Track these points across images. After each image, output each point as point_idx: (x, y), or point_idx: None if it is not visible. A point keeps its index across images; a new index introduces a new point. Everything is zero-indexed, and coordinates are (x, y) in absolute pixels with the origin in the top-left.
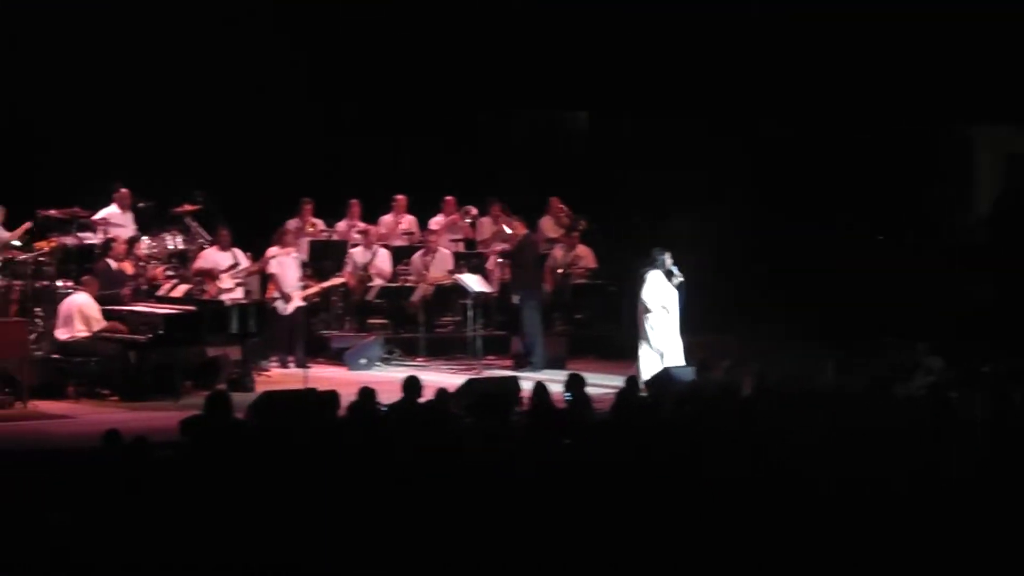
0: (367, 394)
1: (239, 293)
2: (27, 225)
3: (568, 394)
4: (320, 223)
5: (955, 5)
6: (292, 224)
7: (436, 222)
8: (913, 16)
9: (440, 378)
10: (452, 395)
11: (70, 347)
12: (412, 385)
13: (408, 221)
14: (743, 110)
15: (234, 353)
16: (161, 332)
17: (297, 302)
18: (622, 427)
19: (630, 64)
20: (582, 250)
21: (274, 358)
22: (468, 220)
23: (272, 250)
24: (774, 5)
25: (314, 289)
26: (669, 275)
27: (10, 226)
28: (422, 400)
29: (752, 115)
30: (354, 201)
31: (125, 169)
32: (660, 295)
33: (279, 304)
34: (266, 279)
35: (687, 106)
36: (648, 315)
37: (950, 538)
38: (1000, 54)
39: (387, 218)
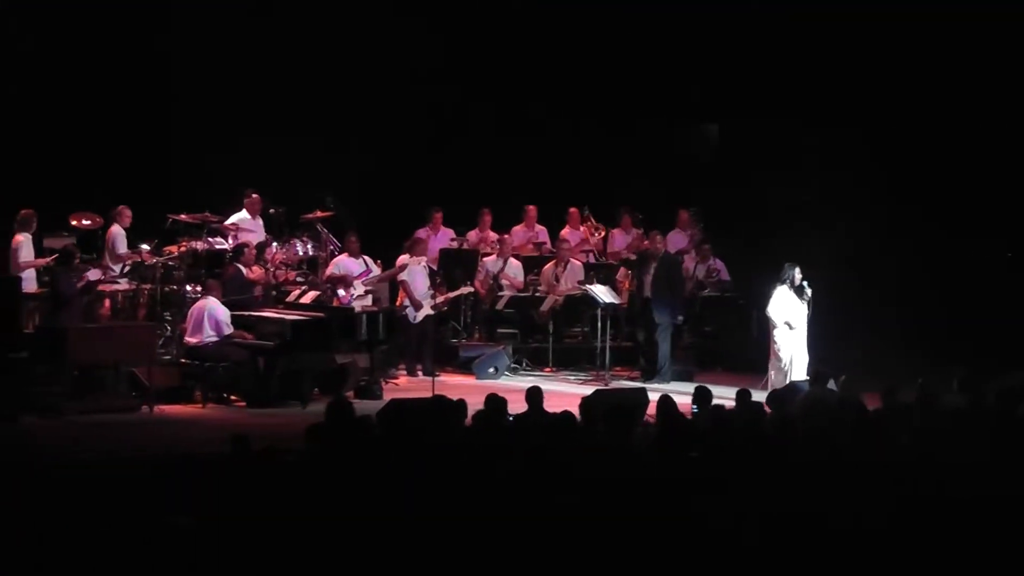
0: (494, 403)
1: (368, 300)
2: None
3: (695, 406)
4: (451, 232)
5: None
6: (422, 233)
7: (567, 234)
8: None
9: (567, 388)
10: (579, 406)
11: (198, 352)
12: (534, 395)
13: (540, 232)
14: (878, 121)
15: (362, 360)
16: (290, 338)
17: (427, 310)
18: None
19: (762, 71)
20: (716, 263)
21: (402, 366)
22: (601, 235)
23: (403, 258)
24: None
25: (444, 298)
26: (800, 290)
27: (136, 230)
28: (550, 410)
29: (888, 125)
30: (485, 210)
31: (256, 174)
32: (786, 311)
33: (409, 312)
34: (396, 287)
35: (822, 116)
36: (774, 330)
37: None
38: None
39: (519, 228)
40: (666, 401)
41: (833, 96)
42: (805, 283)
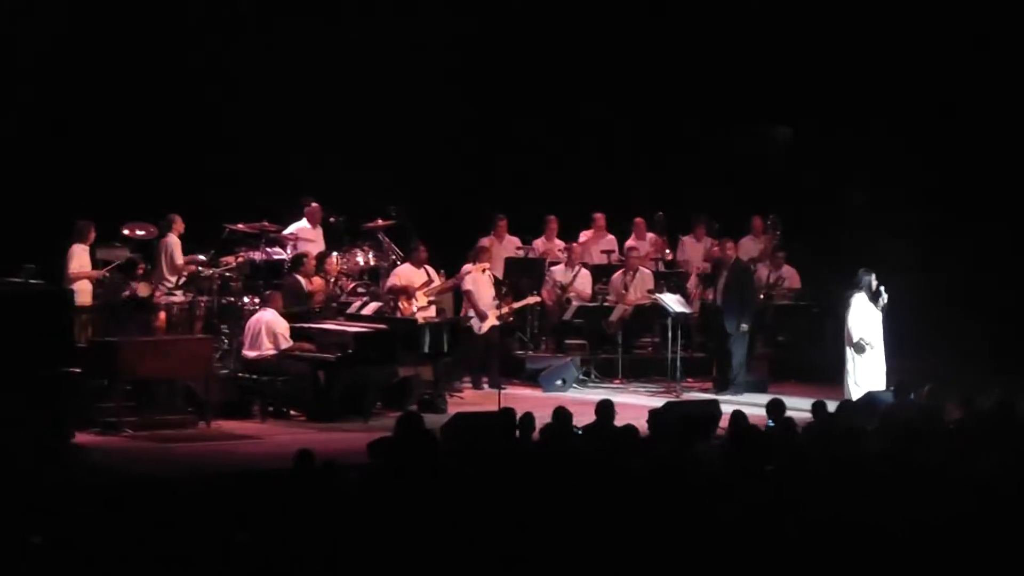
0: (562, 416)
1: (432, 311)
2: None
3: (771, 420)
4: (516, 240)
5: None
6: (486, 241)
7: (633, 244)
8: None
9: (638, 400)
10: (648, 418)
11: (257, 365)
12: (606, 408)
13: (608, 240)
14: (959, 122)
15: (426, 373)
16: (351, 351)
17: (492, 321)
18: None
19: (837, 75)
20: (786, 270)
21: (467, 378)
22: (667, 253)
23: (467, 267)
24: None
25: (510, 308)
26: (875, 296)
27: (192, 239)
28: (619, 423)
29: (969, 127)
30: (552, 218)
31: (316, 183)
32: (865, 321)
33: (474, 323)
34: (460, 297)
35: (894, 120)
36: (852, 339)
37: None
38: None
39: (587, 235)
40: (737, 416)
41: (909, 96)
42: (882, 288)
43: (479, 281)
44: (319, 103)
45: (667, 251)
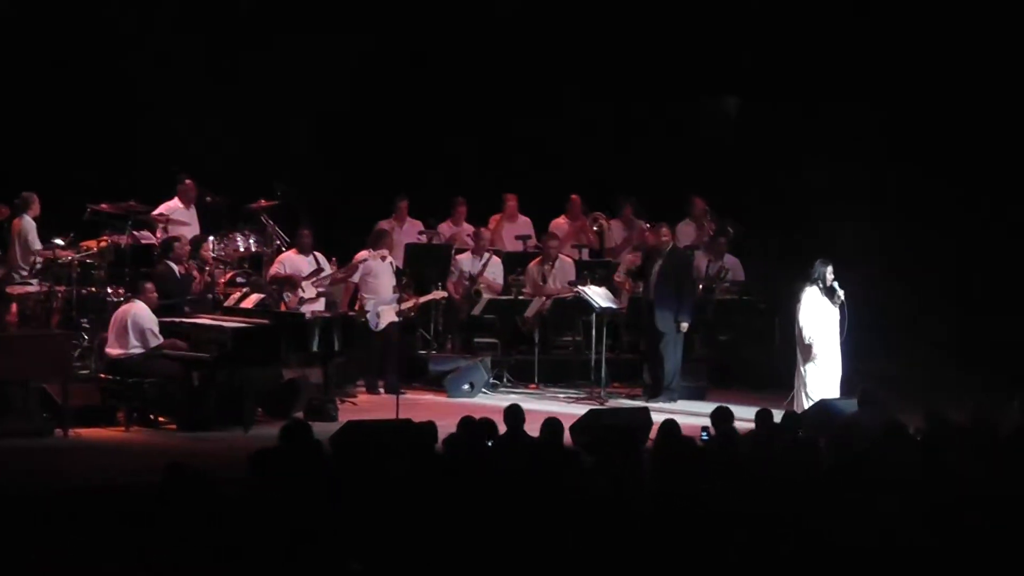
0: (469, 426)
1: (321, 305)
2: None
3: (704, 434)
4: (419, 224)
5: None
6: (386, 225)
7: (558, 224)
8: None
9: (557, 408)
10: (571, 429)
11: (122, 366)
12: (514, 415)
13: (522, 223)
14: (926, 96)
15: (315, 375)
16: (229, 349)
17: (392, 317)
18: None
19: (788, 42)
20: (729, 260)
21: (361, 382)
22: (595, 228)
23: (363, 254)
24: None
25: (414, 302)
26: (831, 292)
27: (50, 222)
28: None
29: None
30: (460, 199)
31: (191, 158)
32: (817, 317)
33: (370, 318)
34: (356, 290)
35: (854, 89)
36: (803, 340)
37: None
38: None
39: (498, 219)
40: (668, 427)
41: (867, 68)
42: (836, 284)
43: (378, 270)
44: (195, 65)
45: (592, 233)
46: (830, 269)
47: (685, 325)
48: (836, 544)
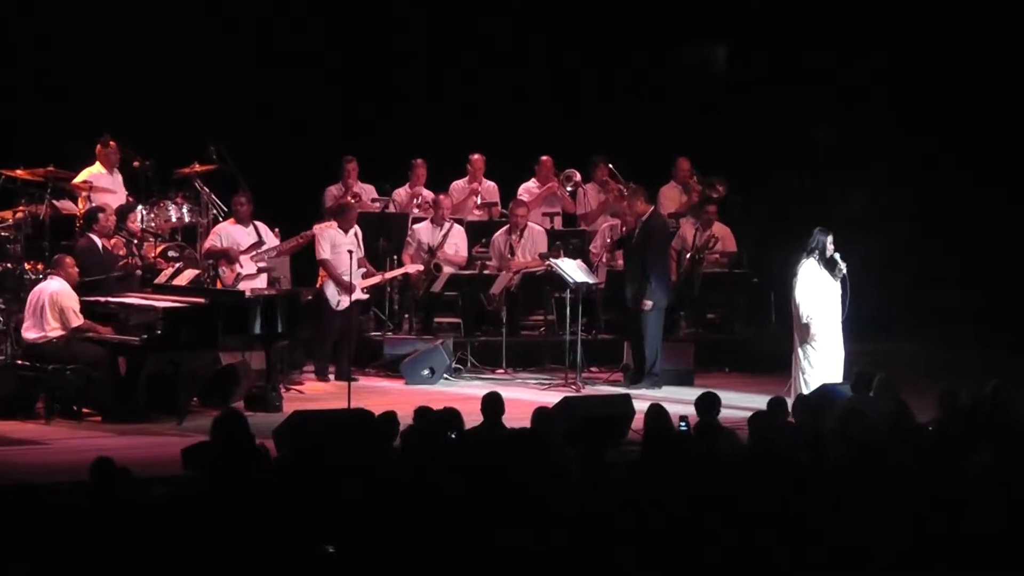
0: (427, 417)
1: (263, 282)
2: None
3: (683, 423)
4: (371, 189)
5: None
6: (333, 190)
7: (527, 189)
8: None
9: (527, 395)
10: (534, 417)
11: (40, 350)
12: (493, 404)
13: (488, 188)
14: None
15: (256, 361)
16: (160, 332)
17: (358, 294)
18: (761, 466)
19: None
20: (717, 228)
21: (308, 367)
22: (569, 188)
23: (320, 226)
24: None
25: (379, 278)
26: (831, 264)
27: None
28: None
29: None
30: (419, 161)
31: (115, 116)
32: (817, 292)
33: (330, 296)
34: (301, 262)
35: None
36: (802, 318)
37: None
38: None
39: (460, 184)
40: (656, 414)
41: (874, 9)
42: (838, 255)
43: (340, 245)
44: (121, 13)
45: (566, 197)
46: (830, 239)
47: (649, 304)
48: (837, 546)
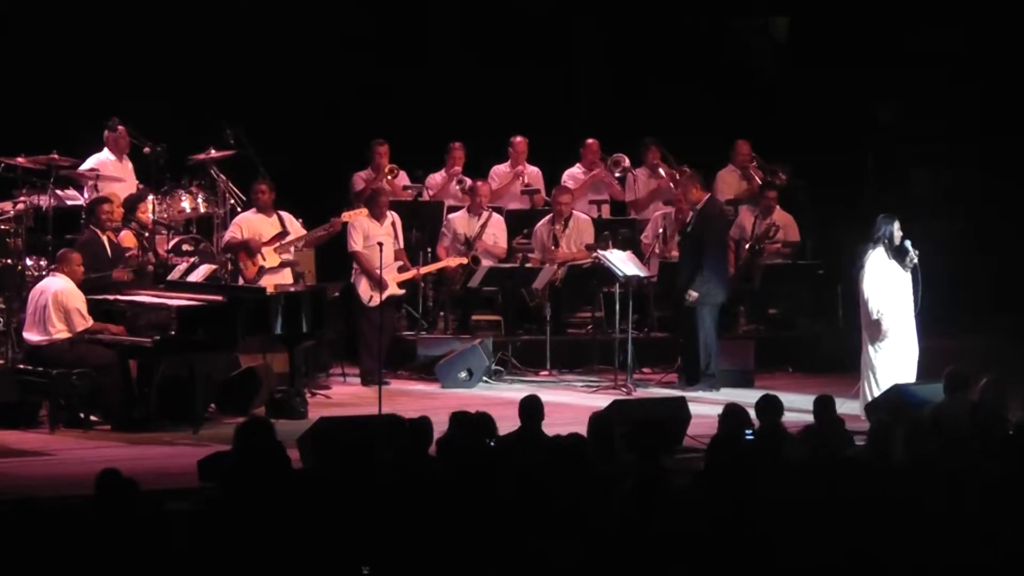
0: (464, 423)
1: (286, 276)
2: None
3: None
4: (403, 176)
5: None
6: (362, 176)
7: (572, 175)
8: None
9: (573, 399)
10: (588, 423)
11: (44, 354)
12: (532, 408)
13: (531, 174)
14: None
15: (279, 363)
16: (174, 332)
17: (393, 289)
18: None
19: None
20: (779, 216)
21: (336, 369)
22: (618, 174)
23: (348, 214)
24: None
25: (413, 272)
26: (901, 253)
27: None
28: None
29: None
30: (456, 145)
31: (124, 99)
32: (886, 284)
33: (363, 292)
34: (327, 256)
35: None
36: (871, 313)
37: None
38: None
39: (502, 168)
40: (736, 413)
41: None
42: (908, 243)
43: (369, 232)
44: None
45: (614, 183)
46: (897, 226)
47: (694, 295)
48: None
